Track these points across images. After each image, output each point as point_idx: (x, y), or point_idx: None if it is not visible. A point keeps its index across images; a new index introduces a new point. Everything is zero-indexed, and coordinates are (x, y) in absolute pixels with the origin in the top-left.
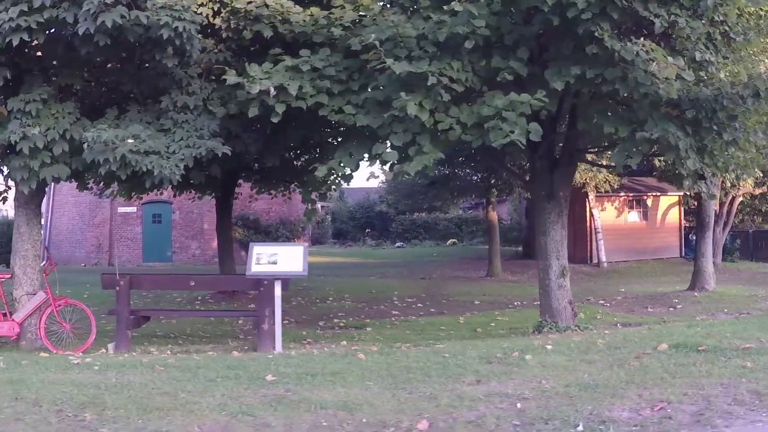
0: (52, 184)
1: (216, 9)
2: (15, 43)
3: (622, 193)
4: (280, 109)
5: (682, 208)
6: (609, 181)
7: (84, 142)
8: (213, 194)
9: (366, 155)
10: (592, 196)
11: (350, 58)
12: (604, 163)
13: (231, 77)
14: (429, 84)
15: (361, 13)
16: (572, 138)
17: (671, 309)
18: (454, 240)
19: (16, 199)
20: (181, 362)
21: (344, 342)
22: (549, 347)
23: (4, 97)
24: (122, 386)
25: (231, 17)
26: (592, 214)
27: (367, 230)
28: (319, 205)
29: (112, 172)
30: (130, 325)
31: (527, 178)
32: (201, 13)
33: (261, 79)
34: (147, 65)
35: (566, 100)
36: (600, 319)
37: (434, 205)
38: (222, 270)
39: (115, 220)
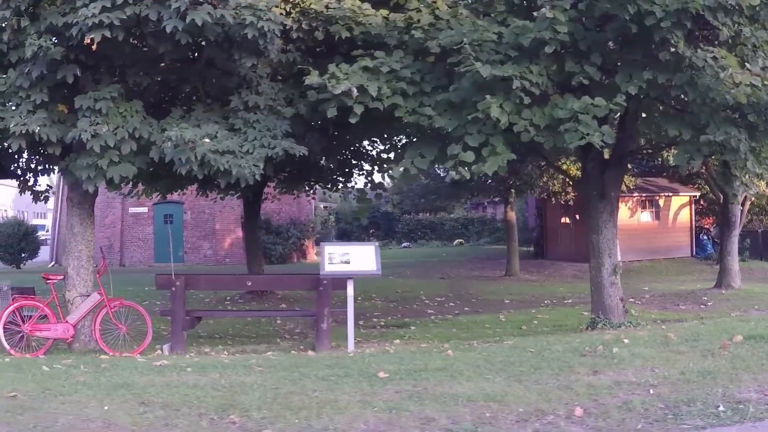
0: (61, 184)
1: (287, 9)
2: (97, 40)
3: (635, 194)
4: (358, 109)
5: (693, 209)
6: (624, 182)
7: (165, 141)
8: (236, 194)
9: (435, 155)
10: None
11: (420, 60)
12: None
13: (314, 77)
14: (514, 87)
15: (438, 16)
16: (624, 140)
17: (702, 306)
18: (460, 240)
19: (69, 199)
20: (267, 362)
21: (397, 340)
22: (626, 341)
23: (68, 94)
24: (240, 387)
25: (302, 18)
26: None
27: (371, 230)
28: (322, 205)
29: (188, 171)
30: (186, 326)
31: (577, 178)
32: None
33: (342, 79)
34: (214, 64)
35: (629, 104)
36: (639, 316)
37: (440, 206)
38: (250, 270)
39: (127, 220)
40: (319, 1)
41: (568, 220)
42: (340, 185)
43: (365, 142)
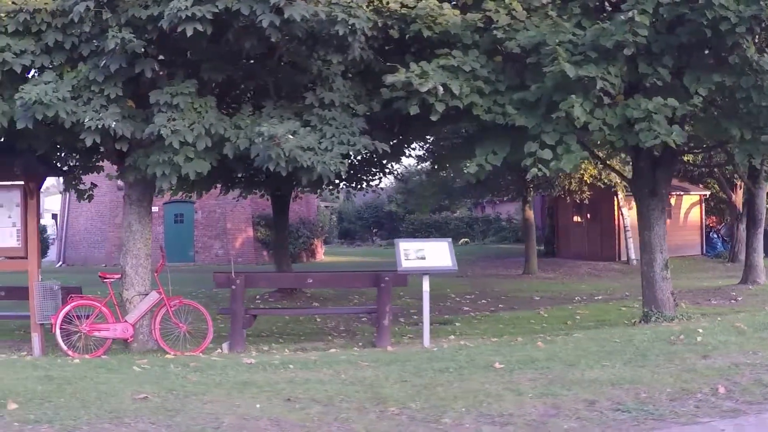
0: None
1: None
2: (189, 33)
3: None
4: (440, 107)
5: (704, 207)
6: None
7: (256, 137)
8: (260, 193)
9: (507, 152)
10: (621, 195)
11: (493, 60)
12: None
13: (401, 75)
14: (598, 87)
15: (514, 16)
16: None
17: (733, 301)
18: (466, 239)
19: (126, 197)
20: (358, 358)
21: (452, 336)
22: (701, 331)
23: (136, 89)
24: (369, 381)
25: (376, 16)
26: (621, 213)
27: (374, 230)
28: (323, 204)
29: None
30: (246, 324)
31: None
32: None
33: (427, 78)
34: (286, 61)
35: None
36: (687, 310)
37: (443, 205)
38: (278, 268)
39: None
40: (396, 0)
41: (579, 219)
42: (365, 184)
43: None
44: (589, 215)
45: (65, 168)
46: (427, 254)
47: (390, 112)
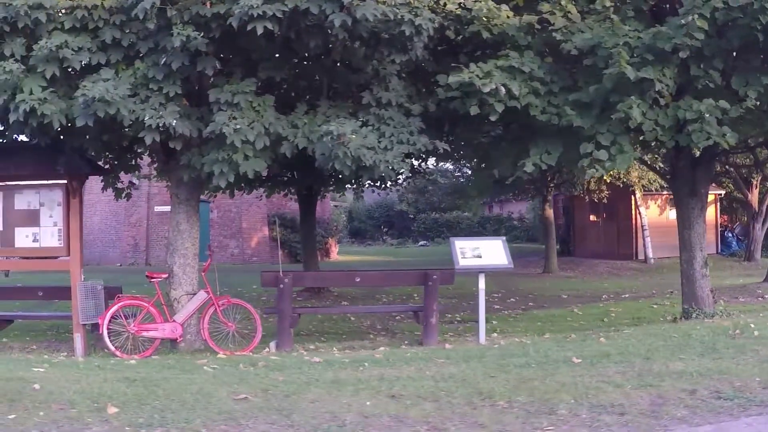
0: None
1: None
2: (260, 31)
3: (664, 192)
4: (499, 108)
5: (718, 207)
6: (657, 180)
7: (324, 136)
8: (284, 192)
9: (560, 153)
10: (639, 194)
11: (546, 62)
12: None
13: (465, 75)
14: (656, 89)
15: (570, 19)
16: None
17: (761, 299)
18: None
19: (174, 196)
20: (423, 356)
21: (495, 334)
22: (752, 325)
23: (199, 88)
24: (461, 377)
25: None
26: (639, 212)
27: (385, 229)
28: (332, 203)
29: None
30: (292, 323)
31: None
32: None
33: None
34: (343, 60)
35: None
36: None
37: (455, 204)
38: (306, 268)
39: (152, 219)
40: (452, 1)
41: (595, 218)
42: (389, 183)
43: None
44: (605, 214)
45: (106, 167)
46: (483, 252)
47: (440, 112)
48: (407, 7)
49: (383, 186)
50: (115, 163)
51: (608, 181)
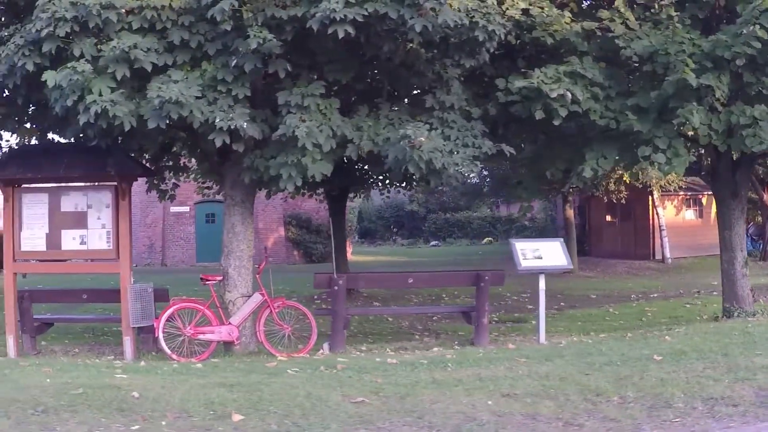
0: None
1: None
2: (341, 35)
3: (681, 192)
4: (563, 112)
5: None
6: (675, 181)
7: (402, 139)
8: (309, 193)
9: (616, 157)
10: (657, 194)
11: (604, 67)
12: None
13: (534, 79)
14: (717, 96)
15: (628, 26)
16: None
17: None
18: (490, 239)
19: (229, 198)
20: (503, 354)
21: (532, 334)
22: None
23: (263, 90)
24: (558, 375)
25: None
26: (656, 212)
27: (395, 230)
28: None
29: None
30: (346, 324)
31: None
32: None
33: (555, 83)
34: (405, 63)
35: None
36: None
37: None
38: (337, 268)
39: (168, 219)
40: (514, 7)
41: (611, 218)
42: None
43: None
44: (622, 214)
45: (153, 168)
46: (543, 254)
47: (497, 115)
48: (480, 13)
49: (410, 186)
50: (161, 164)
51: (628, 181)
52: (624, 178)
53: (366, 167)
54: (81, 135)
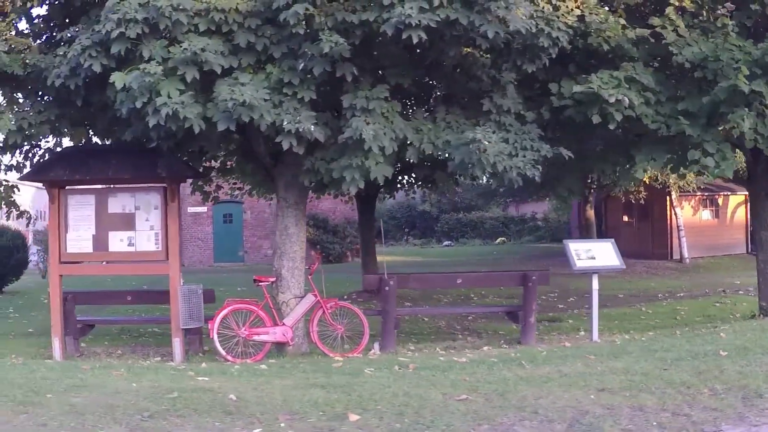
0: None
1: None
2: (415, 40)
3: (698, 193)
4: (618, 117)
5: (748, 207)
6: (693, 182)
7: (471, 143)
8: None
9: (665, 159)
10: (675, 195)
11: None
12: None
13: (594, 84)
14: (767, 102)
15: (679, 33)
16: None
17: None
18: (503, 239)
19: (283, 200)
20: (569, 352)
21: (582, 332)
22: None
23: (325, 93)
24: (639, 370)
25: (549, 28)
26: (675, 213)
27: (407, 230)
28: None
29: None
30: (397, 324)
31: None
32: None
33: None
34: (463, 68)
35: None
36: None
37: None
38: (365, 269)
39: (185, 220)
40: (571, 14)
41: (629, 218)
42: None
43: None
44: (639, 214)
45: (201, 169)
46: (596, 254)
47: (551, 118)
48: (544, 20)
49: (435, 187)
50: (213, 166)
51: (647, 182)
52: (644, 179)
53: (398, 168)
54: (137, 137)
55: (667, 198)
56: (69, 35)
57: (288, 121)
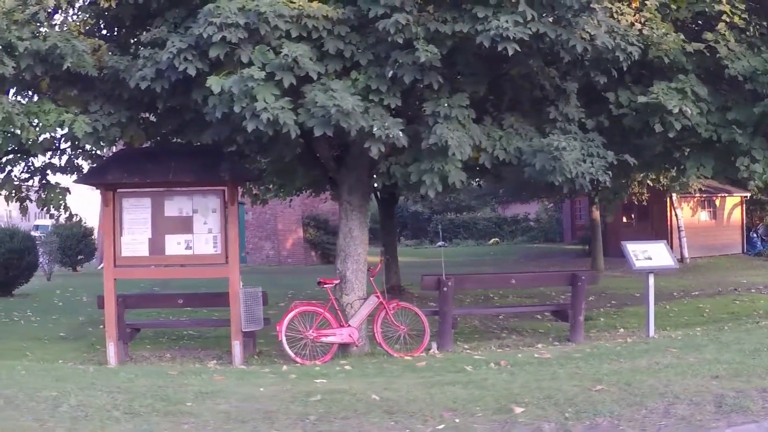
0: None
1: None
2: (510, 52)
3: (696, 195)
4: (678, 125)
5: (745, 208)
6: (694, 184)
7: (556, 151)
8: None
9: (713, 165)
10: (675, 197)
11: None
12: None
13: (659, 95)
14: None
15: (730, 48)
16: None
17: None
18: (496, 239)
19: (346, 203)
20: (646, 346)
21: (621, 330)
22: None
23: (406, 100)
24: (728, 361)
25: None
26: (675, 214)
27: (398, 230)
28: None
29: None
30: (454, 324)
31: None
32: None
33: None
34: (529, 77)
35: None
36: None
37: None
38: (387, 270)
39: None
40: (631, 28)
41: (628, 219)
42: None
43: None
44: (639, 215)
45: (257, 173)
46: (652, 254)
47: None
48: (620, 35)
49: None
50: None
51: (651, 184)
52: (648, 182)
53: None
54: (216, 140)
55: (668, 199)
56: (152, 37)
57: (377, 127)
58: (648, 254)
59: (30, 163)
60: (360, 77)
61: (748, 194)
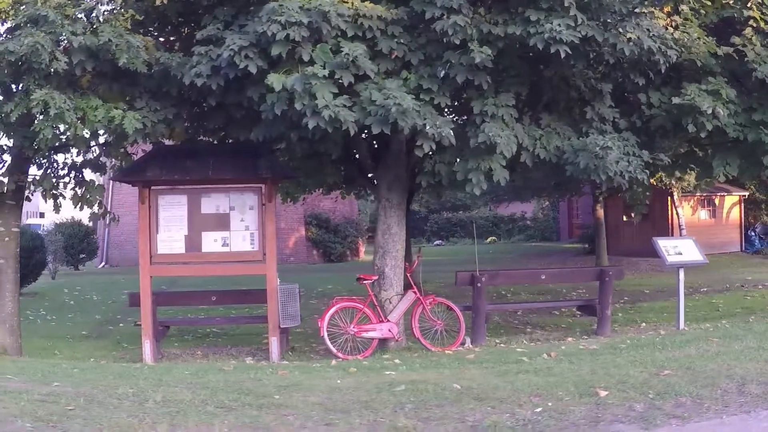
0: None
1: None
2: (562, 55)
3: (697, 193)
4: (709, 126)
5: (743, 207)
6: (695, 183)
7: (602, 149)
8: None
9: (738, 164)
10: (677, 195)
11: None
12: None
13: (693, 96)
14: None
15: (756, 52)
16: None
17: None
18: (493, 238)
19: (385, 200)
20: (686, 337)
21: (643, 324)
22: None
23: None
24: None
25: None
26: (676, 212)
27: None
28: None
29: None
30: (487, 319)
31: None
32: None
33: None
34: (566, 78)
35: None
36: None
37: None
38: None
39: None
40: (667, 32)
41: (628, 218)
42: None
43: None
44: (632, 214)
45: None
46: (682, 250)
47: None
48: (660, 39)
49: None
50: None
51: (654, 183)
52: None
53: None
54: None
55: (669, 198)
56: (207, 34)
57: (429, 125)
58: (678, 249)
59: (66, 160)
60: (411, 76)
61: (747, 193)
